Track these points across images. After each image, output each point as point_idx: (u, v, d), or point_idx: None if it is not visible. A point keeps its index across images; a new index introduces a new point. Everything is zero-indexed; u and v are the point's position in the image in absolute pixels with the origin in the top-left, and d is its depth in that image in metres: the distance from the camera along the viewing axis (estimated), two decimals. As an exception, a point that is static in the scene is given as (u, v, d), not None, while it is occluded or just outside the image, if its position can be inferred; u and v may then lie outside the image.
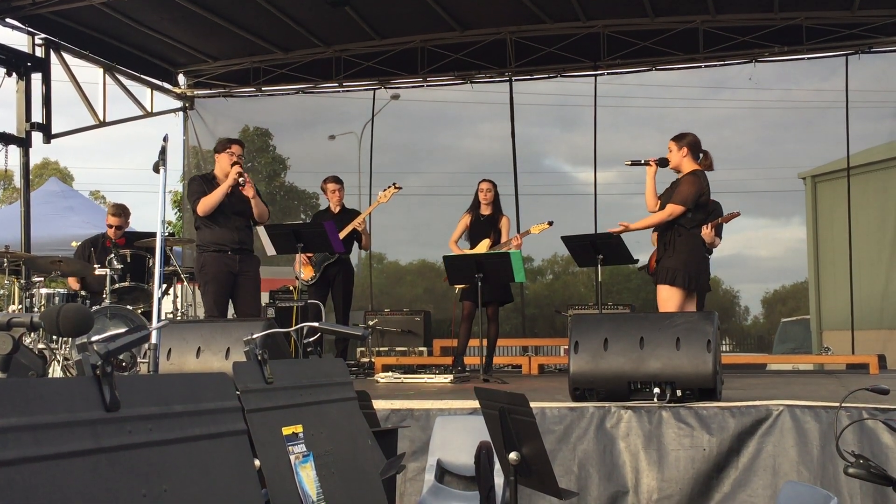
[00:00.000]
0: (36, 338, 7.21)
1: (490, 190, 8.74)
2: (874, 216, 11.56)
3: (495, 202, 8.78)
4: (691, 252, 6.79)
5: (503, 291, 8.52)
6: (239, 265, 7.54)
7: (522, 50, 11.68)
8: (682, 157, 6.87)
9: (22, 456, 1.53)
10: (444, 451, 5.08)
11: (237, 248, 7.54)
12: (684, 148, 6.86)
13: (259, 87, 12.83)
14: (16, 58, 10.31)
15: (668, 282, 6.69)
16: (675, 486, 4.91)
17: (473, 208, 8.82)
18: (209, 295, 7.50)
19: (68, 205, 14.11)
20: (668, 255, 6.75)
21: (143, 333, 2.05)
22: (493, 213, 8.76)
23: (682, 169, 6.89)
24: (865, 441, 4.65)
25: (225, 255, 7.47)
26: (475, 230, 8.76)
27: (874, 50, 11.01)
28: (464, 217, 8.86)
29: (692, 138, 6.94)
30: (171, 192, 21.23)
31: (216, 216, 7.51)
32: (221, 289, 7.48)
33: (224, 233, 7.51)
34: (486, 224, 8.72)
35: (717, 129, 13.24)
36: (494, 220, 8.73)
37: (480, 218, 8.76)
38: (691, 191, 6.72)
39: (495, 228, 8.69)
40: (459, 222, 8.89)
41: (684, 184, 6.77)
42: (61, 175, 38.41)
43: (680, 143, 6.88)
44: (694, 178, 6.79)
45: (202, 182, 7.68)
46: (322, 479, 2.56)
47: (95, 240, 9.21)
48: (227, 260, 7.49)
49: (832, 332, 12.71)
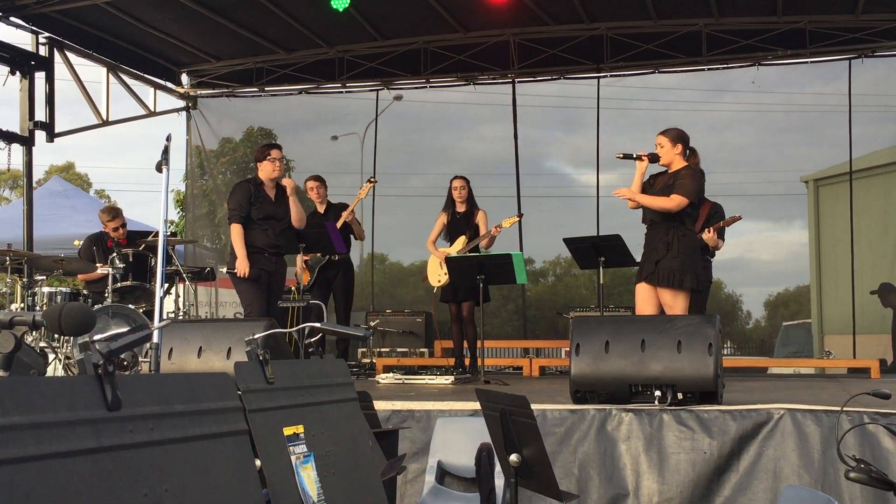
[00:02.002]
0: (38, 336, 7.23)
1: (464, 187, 8.83)
2: (876, 220, 11.55)
3: (469, 198, 8.87)
4: (694, 252, 6.65)
5: (472, 291, 8.35)
6: (274, 266, 7.70)
7: (525, 52, 11.68)
8: (675, 153, 6.68)
9: (23, 455, 1.53)
10: (445, 452, 5.08)
11: (273, 252, 7.69)
12: (679, 144, 6.69)
13: (262, 88, 12.84)
14: (19, 56, 10.33)
15: (674, 285, 6.47)
16: (675, 490, 4.91)
17: (448, 206, 8.90)
18: (247, 293, 7.60)
19: (71, 203, 14.14)
20: (671, 255, 6.50)
21: (144, 333, 2.05)
22: (469, 209, 8.85)
23: (673, 165, 6.70)
24: (867, 445, 4.64)
25: (262, 256, 7.61)
26: (452, 228, 8.88)
27: (878, 54, 10.99)
28: (440, 216, 8.96)
29: (684, 135, 6.78)
30: (173, 191, 21.22)
31: (258, 220, 7.65)
32: (259, 288, 7.59)
33: (262, 236, 7.64)
34: (462, 220, 8.83)
35: (720, 133, 13.23)
36: (470, 216, 8.82)
37: (457, 215, 8.87)
38: (695, 185, 6.56)
39: (471, 223, 8.78)
40: (436, 222, 8.98)
41: (687, 177, 6.56)
42: (81, 181, 38.46)
43: (674, 139, 6.70)
44: (696, 174, 6.65)
45: (251, 187, 7.76)
46: (323, 480, 2.56)
47: (100, 237, 9.22)
48: (264, 261, 7.62)
49: (834, 336, 12.69)
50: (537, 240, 9.27)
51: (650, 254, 6.66)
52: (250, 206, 7.64)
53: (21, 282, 8.29)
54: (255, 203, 7.67)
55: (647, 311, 6.61)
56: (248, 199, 7.65)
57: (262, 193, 7.72)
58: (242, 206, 7.63)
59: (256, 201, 7.68)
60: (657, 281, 6.56)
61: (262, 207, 7.67)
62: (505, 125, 12.55)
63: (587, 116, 12.30)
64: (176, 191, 21.19)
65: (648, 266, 6.64)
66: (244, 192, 7.73)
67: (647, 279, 6.64)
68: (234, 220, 7.63)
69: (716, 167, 8.75)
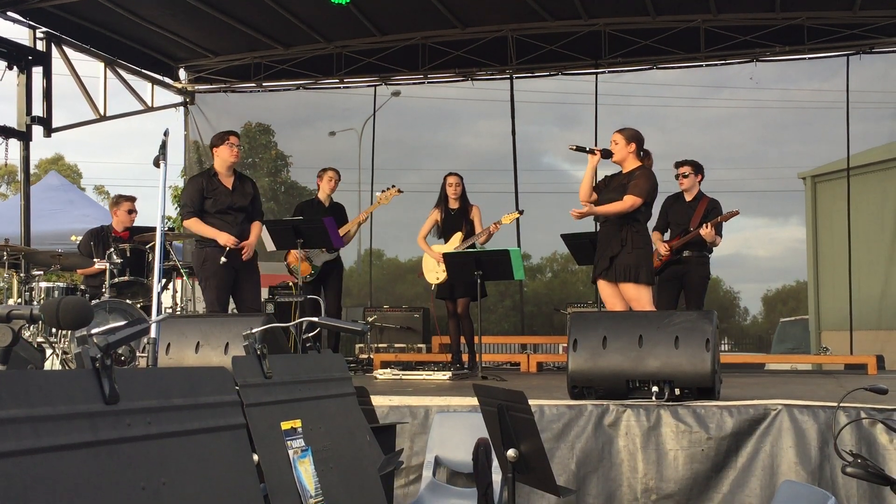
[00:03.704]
0: (35, 331, 7.22)
1: (458, 184, 8.84)
2: (874, 217, 11.56)
3: (463, 195, 8.87)
4: (647, 247, 6.84)
5: (468, 287, 8.41)
6: (239, 261, 7.54)
7: (524, 47, 11.67)
8: (628, 152, 6.83)
9: (21, 448, 1.53)
10: (443, 447, 5.09)
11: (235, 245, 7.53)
12: (633, 144, 6.84)
13: (259, 83, 12.82)
14: (17, 51, 10.31)
15: (632, 279, 6.64)
16: (672, 485, 4.91)
17: (441, 203, 8.89)
18: (211, 290, 7.51)
19: (68, 199, 14.13)
20: (625, 251, 6.67)
21: (142, 326, 2.05)
22: (463, 206, 8.85)
23: (626, 164, 6.85)
24: (863, 441, 4.65)
25: (225, 250, 7.46)
26: (447, 224, 8.87)
27: (875, 50, 11.00)
28: (432, 213, 8.95)
29: (640, 135, 6.91)
30: (171, 186, 21.16)
31: (215, 213, 7.53)
32: (223, 284, 7.49)
33: (224, 228, 7.50)
34: (456, 217, 8.83)
35: (717, 129, 13.26)
36: (465, 212, 8.83)
37: (451, 212, 8.86)
38: (648, 185, 6.71)
39: (467, 220, 8.79)
40: (428, 218, 8.97)
41: (641, 178, 6.72)
42: (70, 171, 38.42)
43: (628, 138, 6.84)
44: (649, 174, 6.81)
45: (202, 181, 7.65)
46: (320, 474, 2.56)
47: (100, 231, 9.22)
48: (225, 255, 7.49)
49: (831, 332, 12.72)
50: (535, 236, 9.27)
51: (604, 250, 6.82)
52: (203, 200, 7.52)
53: (18, 277, 8.29)
54: (210, 196, 7.53)
55: (618, 307, 6.76)
56: (199, 193, 7.53)
57: (216, 185, 7.58)
58: (194, 201, 7.52)
59: (211, 194, 7.54)
60: (615, 277, 6.73)
61: (218, 200, 7.54)
62: (503, 121, 12.55)
63: (585, 112, 12.30)
64: (174, 186, 21.19)
65: (603, 262, 6.81)
66: (195, 186, 7.63)
67: (603, 275, 6.81)
68: (186, 217, 7.55)
69: (713, 164, 8.75)
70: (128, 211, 9.21)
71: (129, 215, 9.22)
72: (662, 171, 7.10)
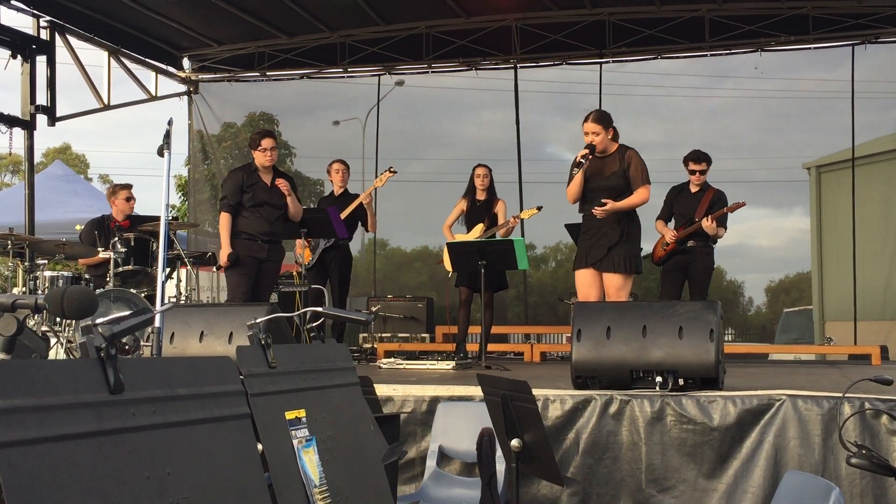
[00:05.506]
0: (39, 320, 7.23)
1: (486, 175, 8.82)
2: (878, 207, 11.54)
3: (490, 187, 8.86)
4: (638, 237, 6.83)
5: (498, 278, 8.57)
6: (266, 253, 7.72)
7: (528, 37, 11.64)
8: (608, 138, 6.72)
9: (26, 437, 1.53)
10: (446, 437, 5.10)
11: (267, 239, 7.73)
12: (611, 129, 6.74)
13: (264, 72, 12.81)
14: (21, 40, 10.30)
15: (629, 270, 6.63)
16: (676, 476, 4.92)
17: (469, 193, 8.89)
18: (233, 277, 7.67)
19: (72, 188, 14.14)
20: (623, 241, 6.64)
21: (147, 316, 2.04)
22: (489, 198, 8.85)
23: (609, 149, 6.75)
24: (867, 431, 4.65)
25: (254, 243, 7.66)
26: (471, 215, 8.87)
27: (881, 40, 10.95)
28: (459, 202, 8.96)
29: (608, 115, 6.79)
30: (175, 175, 21.23)
31: (251, 207, 7.68)
32: (246, 274, 7.62)
33: (255, 222, 7.68)
34: (482, 209, 8.82)
35: (722, 119, 13.20)
36: (490, 205, 8.82)
37: (476, 203, 8.86)
38: (644, 167, 6.68)
39: (490, 213, 8.78)
40: (455, 207, 8.99)
41: (635, 163, 6.65)
42: (78, 161, 38.43)
43: (605, 124, 6.68)
44: (636, 154, 6.72)
45: (242, 175, 7.78)
46: (324, 464, 2.56)
47: (101, 221, 9.22)
48: (256, 248, 7.67)
49: (835, 322, 12.70)
50: (538, 225, 9.24)
51: (600, 239, 6.70)
52: (242, 194, 7.69)
53: (23, 266, 8.29)
54: (248, 190, 7.71)
55: (592, 297, 6.70)
56: (239, 187, 7.70)
57: (256, 180, 7.75)
58: (234, 194, 7.70)
59: (250, 188, 7.71)
60: (611, 267, 6.65)
61: (256, 194, 7.71)
62: (506, 111, 12.53)
63: (589, 102, 12.25)
64: (178, 175, 21.20)
65: (597, 252, 6.71)
66: (235, 180, 7.78)
67: (595, 265, 6.72)
68: (223, 209, 7.73)
69: (717, 153, 8.70)
70: (126, 199, 9.22)
71: (128, 203, 9.23)
72: (666, 161, 7.08)
